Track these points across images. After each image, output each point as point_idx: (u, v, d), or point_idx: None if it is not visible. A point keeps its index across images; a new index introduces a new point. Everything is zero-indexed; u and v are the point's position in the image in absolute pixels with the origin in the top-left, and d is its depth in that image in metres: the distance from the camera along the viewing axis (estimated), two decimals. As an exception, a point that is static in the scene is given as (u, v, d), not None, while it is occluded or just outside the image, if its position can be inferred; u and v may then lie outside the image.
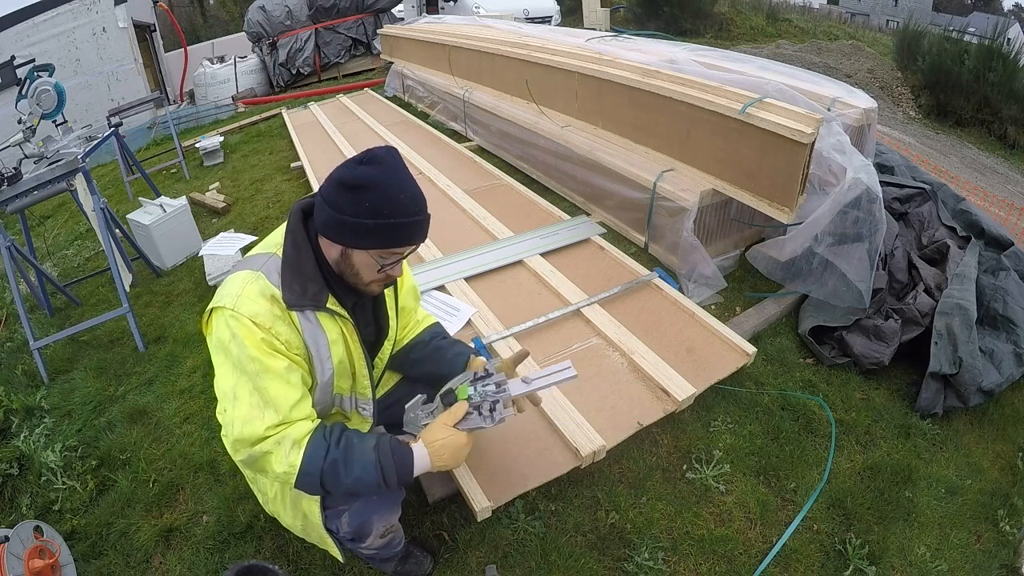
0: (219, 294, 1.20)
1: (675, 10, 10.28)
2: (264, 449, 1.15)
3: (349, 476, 1.18)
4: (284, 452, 1.16)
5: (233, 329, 1.15)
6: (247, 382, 1.16)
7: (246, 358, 1.15)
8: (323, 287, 1.22)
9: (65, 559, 1.74)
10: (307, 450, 1.16)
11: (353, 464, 1.19)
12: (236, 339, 1.15)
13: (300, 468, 1.15)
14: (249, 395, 1.15)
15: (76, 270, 3.72)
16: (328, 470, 1.17)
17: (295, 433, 1.17)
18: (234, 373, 1.17)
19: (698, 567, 1.73)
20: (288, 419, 1.17)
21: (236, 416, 1.15)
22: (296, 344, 1.21)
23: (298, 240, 1.22)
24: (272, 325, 1.17)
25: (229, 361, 1.17)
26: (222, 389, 1.18)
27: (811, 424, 2.19)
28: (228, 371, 1.17)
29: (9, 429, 2.36)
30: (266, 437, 1.15)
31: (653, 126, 3.03)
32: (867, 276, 2.48)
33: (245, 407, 1.15)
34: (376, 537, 1.37)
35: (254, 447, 1.16)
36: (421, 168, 3.98)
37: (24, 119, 2.97)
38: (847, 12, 28.47)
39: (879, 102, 5.27)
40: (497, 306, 2.52)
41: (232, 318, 1.15)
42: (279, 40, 8.39)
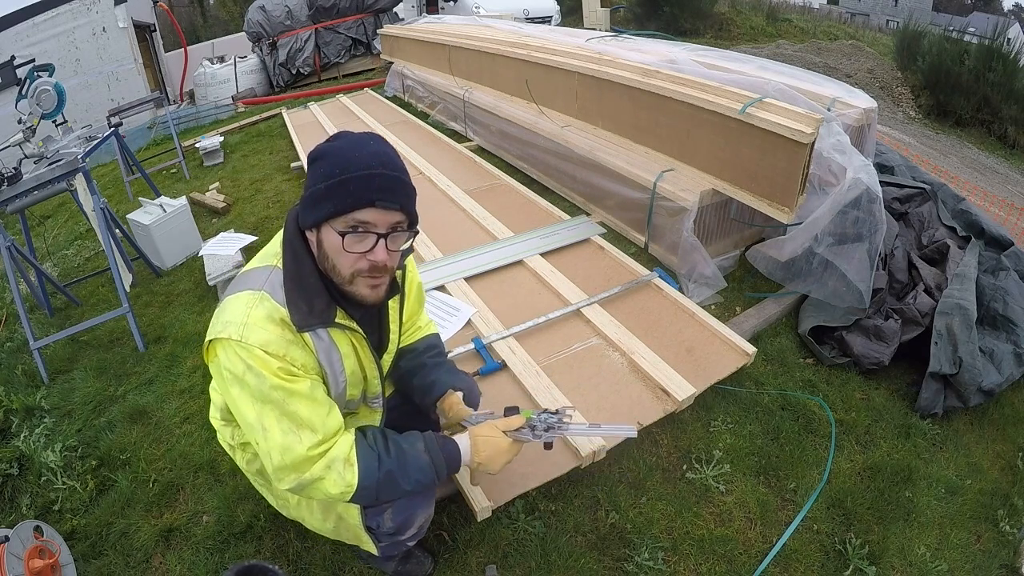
0: (221, 321, 1.10)
1: (675, 10, 10.28)
2: (315, 476, 1.11)
3: (408, 482, 1.18)
4: (338, 474, 1.12)
5: (246, 361, 1.07)
6: (273, 410, 1.10)
7: (268, 388, 1.08)
8: (330, 302, 1.14)
9: (65, 559, 1.74)
10: (360, 466, 1.13)
11: (409, 469, 1.18)
12: (252, 370, 1.07)
13: (358, 485, 1.12)
14: (278, 422, 1.10)
15: (76, 270, 3.71)
16: (384, 480, 1.15)
17: (340, 452, 1.13)
18: (256, 404, 1.10)
19: (698, 567, 1.73)
20: (327, 435, 1.13)
21: (272, 447, 1.10)
22: (312, 365, 1.15)
23: (297, 249, 1.12)
24: (286, 352, 1.10)
25: (247, 392, 1.10)
26: (246, 421, 1.12)
27: (811, 424, 2.19)
28: (248, 402, 1.10)
29: (9, 429, 2.36)
30: (310, 458, 1.10)
31: (653, 126, 3.03)
32: (867, 276, 2.48)
33: (278, 435, 1.10)
34: (416, 527, 1.37)
35: (303, 474, 1.11)
36: (421, 168, 3.98)
37: (24, 119, 2.97)
38: (847, 12, 28.47)
39: (879, 102, 5.27)
40: (497, 306, 2.52)
41: (242, 349, 1.07)
42: (279, 40, 8.39)
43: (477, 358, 2.24)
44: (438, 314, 2.48)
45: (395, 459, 1.17)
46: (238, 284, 1.16)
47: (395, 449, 1.19)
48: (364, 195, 1.02)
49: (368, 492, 1.14)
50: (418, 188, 1.13)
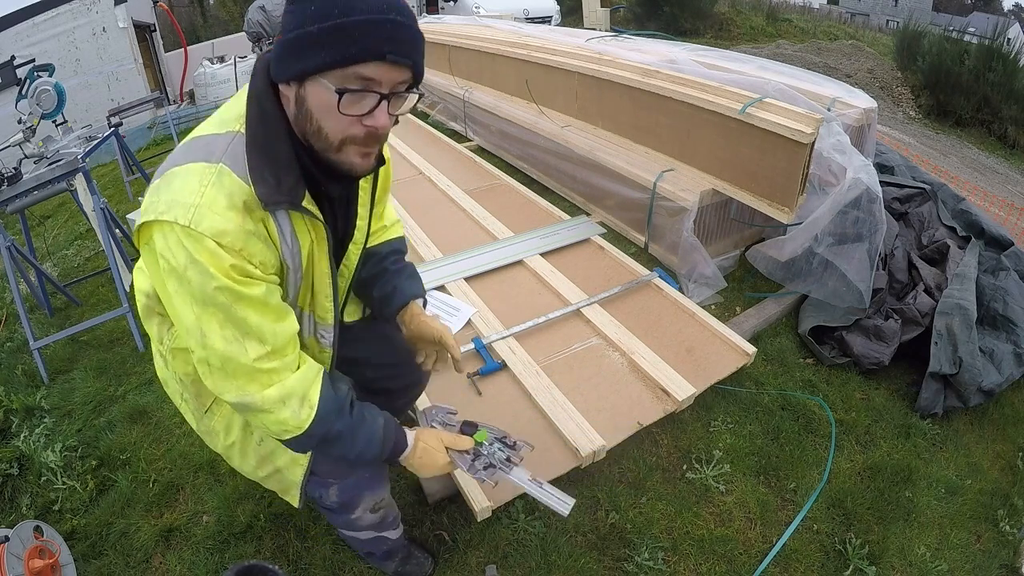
0: (164, 200, 0.86)
1: (675, 10, 10.29)
2: (265, 406, 0.95)
3: (353, 451, 1.05)
4: (292, 411, 0.96)
5: (192, 253, 0.85)
6: (216, 314, 0.90)
7: (212, 289, 0.87)
8: (299, 178, 0.92)
9: (65, 559, 1.74)
10: (319, 412, 0.99)
11: (359, 439, 1.05)
12: (197, 266, 0.86)
13: (305, 432, 0.98)
14: (221, 328, 0.91)
15: (76, 270, 3.71)
16: (334, 437, 1.03)
17: (301, 387, 0.98)
18: (196, 306, 0.90)
19: (698, 567, 1.73)
20: (276, 346, 0.95)
21: (210, 355, 0.92)
22: (271, 263, 0.95)
23: (266, 108, 0.90)
24: (244, 246, 0.89)
25: (186, 290, 0.89)
26: (183, 324, 0.93)
27: (811, 424, 2.19)
28: (187, 303, 0.90)
29: (9, 429, 2.36)
30: (258, 371, 0.94)
31: (653, 126, 3.03)
32: (867, 276, 2.48)
33: (219, 344, 0.91)
34: (366, 511, 1.32)
35: (248, 394, 0.94)
36: (421, 168, 3.98)
37: (24, 119, 2.97)
38: (847, 12, 28.48)
39: (879, 102, 5.27)
40: (497, 306, 2.52)
41: (189, 238, 0.85)
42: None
43: (477, 358, 2.24)
44: (438, 314, 2.48)
45: (353, 422, 1.04)
46: (188, 152, 0.90)
47: (357, 412, 1.06)
48: (372, 45, 0.81)
49: (309, 441, 1.01)
50: (418, 188, 1.11)
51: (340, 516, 1.34)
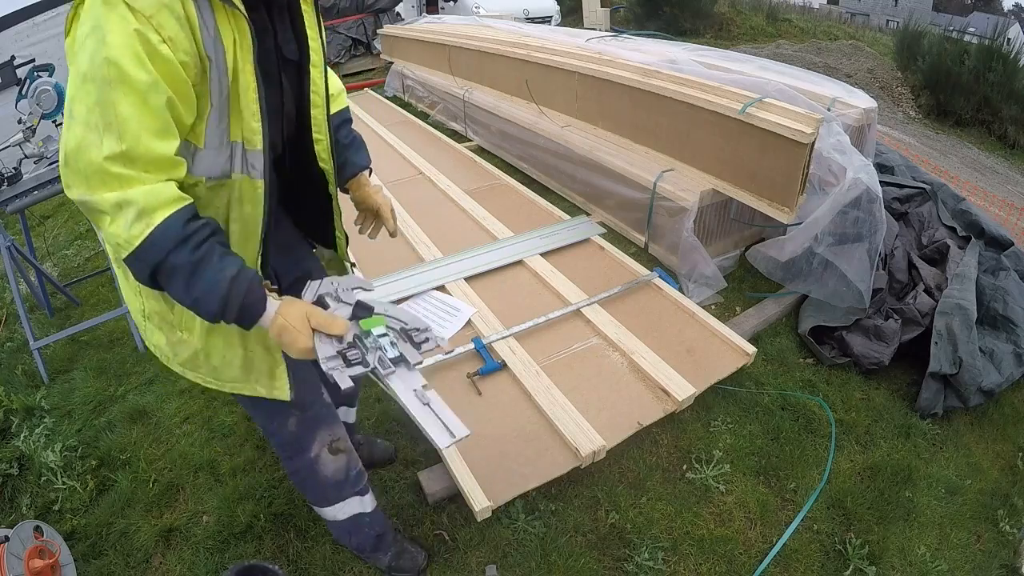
0: None
1: (675, 10, 10.28)
2: (101, 207, 0.87)
3: (188, 293, 0.92)
4: (125, 221, 0.87)
5: (98, 18, 0.83)
6: (91, 92, 0.85)
7: (100, 59, 0.83)
8: None
9: (65, 559, 1.74)
10: (155, 232, 0.87)
11: (199, 282, 0.92)
12: (97, 31, 0.83)
13: (135, 249, 0.88)
14: (88, 111, 0.85)
15: (76, 270, 3.71)
16: (168, 268, 0.90)
17: (145, 199, 0.87)
18: (76, 82, 0.86)
19: (698, 567, 1.73)
20: (136, 153, 0.86)
21: (68, 139, 0.87)
22: (184, 47, 0.88)
23: None
24: (155, 13, 0.85)
25: (75, 68, 0.86)
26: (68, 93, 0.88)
27: (811, 424, 2.19)
28: (72, 79, 0.87)
29: (9, 429, 2.36)
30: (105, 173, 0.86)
31: (653, 126, 3.03)
32: (867, 276, 2.48)
33: (79, 128, 0.85)
34: (324, 448, 1.35)
35: (91, 192, 0.86)
36: (421, 168, 3.98)
37: (24, 119, 2.97)
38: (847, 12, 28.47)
39: (879, 102, 5.27)
40: (497, 306, 2.52)
41: (105, 5, 0.84)
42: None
43: (477, 358, 2.24)
44: (438, 314, 2.48)
45: (196, 260, 0.91)
46: None
47: (206, 253, 0.92)
48: None
49: (143, 265, 0.90)
50: (418, 188, 1.12)
51: (299, 459, 1.37)
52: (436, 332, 1.10)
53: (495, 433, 1.93)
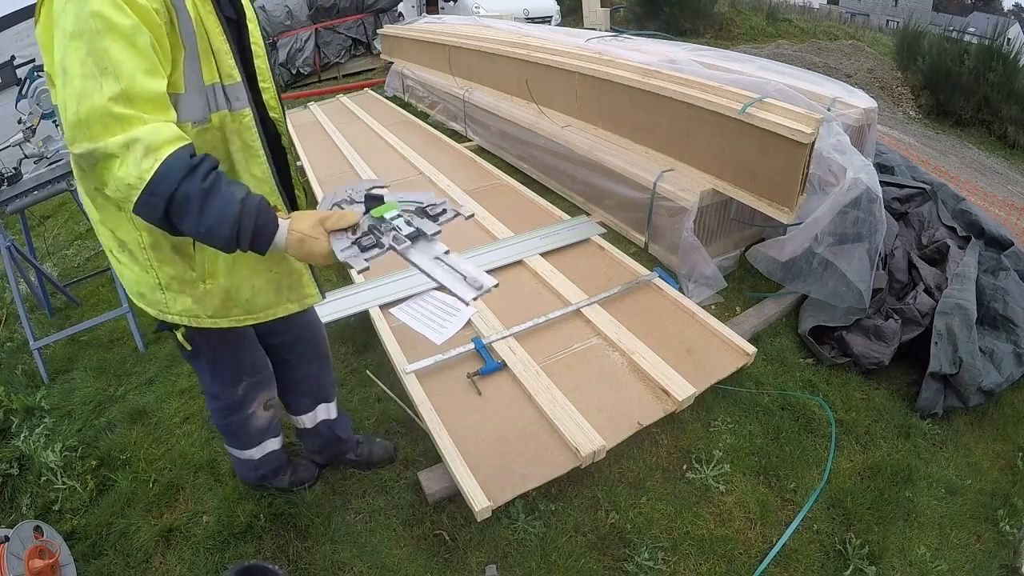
0: None
1: (675, 10, 10.28)
2: (110, 150, 0.91)
3: (202, 221, 0.96)
4: (135, 159, 0.91)
5: None
6: (81, 46, 0.91)
7: (86, 15, 0.90)
8: None
9: (65, 559, 1.74)
10: (164, 165, 0.92)
11: (211, 208, 0.96)
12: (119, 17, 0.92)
13: (148, 184, 0.91)
14: (81, 64, 0.91)
15: (76, 270, 3.71)
16: (180, 199, 0.94)
17: (149, 136, 0.92)
18: (65, 40, 0.92)
19: (698, 567, 1.73)
20: (133, 91, 0.93)
21: (69, 95, 0.91)
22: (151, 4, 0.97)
23: None
24: None
25: (60, 29, 0.93)
26: (57, 60, 0.94)
27: (811, 424, 2.19)
28: (58, 37, 0.93)
29: (9, 429, 2.36)
30: (110, 115, 0.91)
31: (653, 126, 3.03)
32: (867, 276, 2.48)
33: (77, 80, 0.91)
34: (260, 407, 1.58)
35: (96, 141, 0.91)
36: (421, 168, 3.98)
37: (24, 119, 2.97)
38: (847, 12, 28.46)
39: (879, 102, 5.27)
40: (497, 306, 2.52)
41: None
42: (279, 40, 8.38)
43: (477, 358, 2.24)
44: (438, 314, 2.48)
45: (206, 188, 0.95)
46: None
47: (212, 181, 0.97)
48: None
49: (156, 200, 0.93)
50: (418, 188, 1.09)
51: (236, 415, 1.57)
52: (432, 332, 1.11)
53: (495, 433, 1.93)
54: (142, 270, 1.23)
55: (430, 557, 1.74)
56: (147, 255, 1.20)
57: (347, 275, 2.89)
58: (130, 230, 1.18)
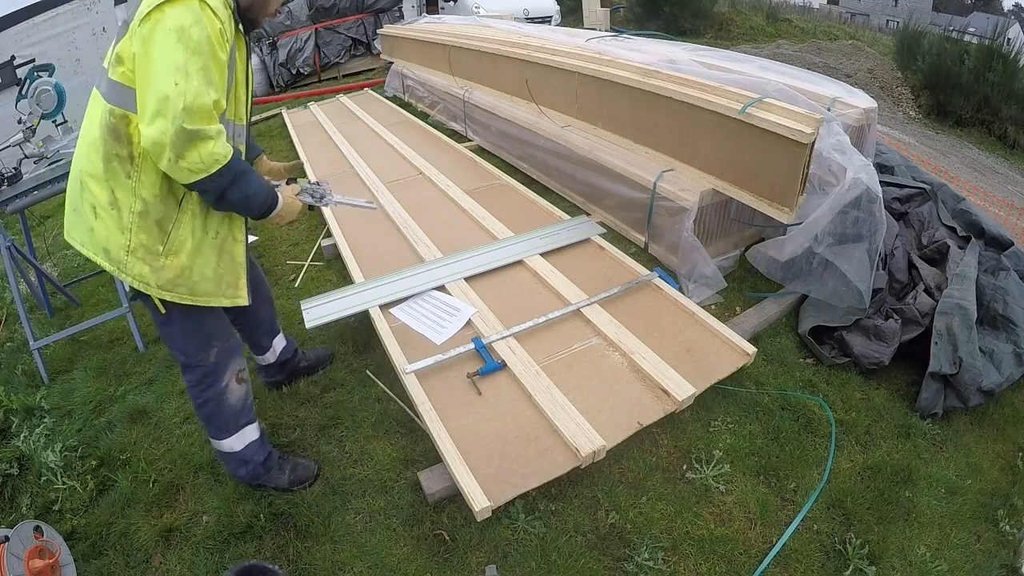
0: None
1: (675, 10, 10.29)
2: (208, 133, 1.31)
3: (249, 190, 1.46)
4: (222, 144, 1.35)
5: (198, 15, 1.30)
6: (199, 61, 1.29)
7: (204, 40, 1.30)
8: None
9: (65, 559, 1.74)
10: (234, 153, 1.39)
11: (252, 183, 1.48)
12: (199, 24, 1.29)
13: (226, 163, 1.36)
14: (199, 72, 1.29)
15: (76, 270, 3.71)
16: (239, 176, 1.42)
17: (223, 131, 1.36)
18: (187, 52, 1.28)
19: (698, 567, 1.73)
20: (219, 100, 1.35)
21: (189, 88, 1.27)
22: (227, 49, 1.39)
23: None
24: (224, 23, 1.36)
25: (183, 44, 1.28)
26: (172, 63, 1.27)
27: (811, 424, 2.19)
28: (180, 50, 1.28)
29: (9, 429, 2.36)
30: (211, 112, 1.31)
31: (653, 126, 3.03)
32: (867, 276, 2.48)
33: (196, 82, 1.28)
34: (233, 378, 1.74)
35: (200, 124, 1.29)
36: (421, 168, 3.98)
37: (24, 119, 2.97)
38: (847, 12, 28.46)
39: (879, 102, 5.27)
40: (497, 306, 2.52)
41: (200, 7, 1.31)
42: (279, 40, 8.38)
43: (477, 358, 2.24)
44: (438, 314, 2.48)
45: (248, 171, 1.47)
46: None
47: (247, 166, 1.49)
48: None
49: (225, 177, 1.38)
50: (418, 188, 1.16)
51: (211, 390, 1.71)
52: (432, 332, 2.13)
53: (495, 433, 1.94)
54: (119, 230, 1.46)
55: (430, 557, 1.75)
56: (132, 219, 1.45)
57: (347, 277, 2.89)
58: (128, 195, 1.44)
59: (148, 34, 1.29)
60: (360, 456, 2.06)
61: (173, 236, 1.49)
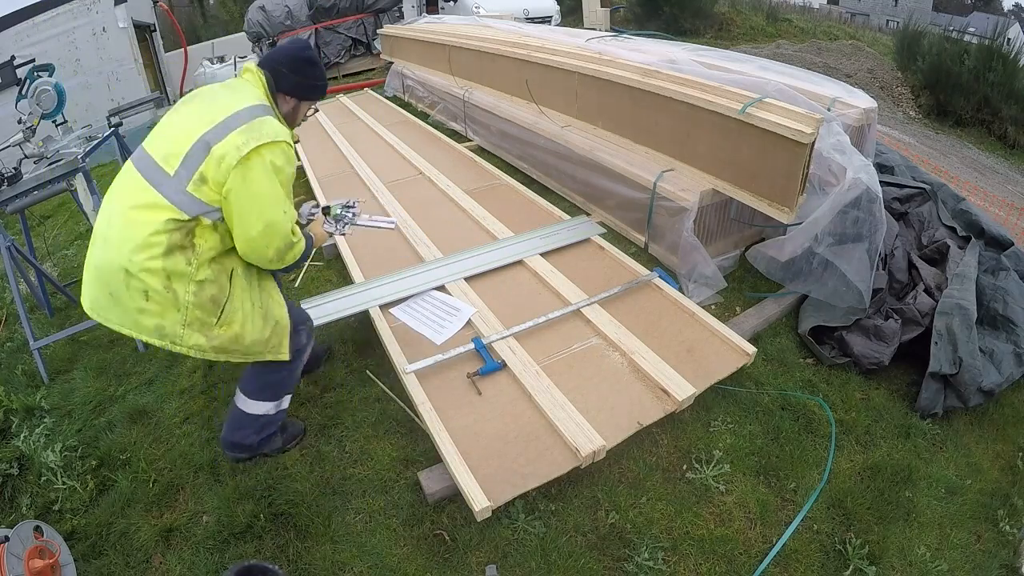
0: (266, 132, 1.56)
1: (675, 10, 10.29)
2: (297, 240, 1.69)
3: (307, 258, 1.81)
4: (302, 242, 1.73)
5: (287, 155, 1.62)
6: (288, 190, 1.64)
7: (290, 175, 1.64)
8: None
9: (65, 559, 1.74)
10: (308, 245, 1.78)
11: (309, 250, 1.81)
12: (289, 162, 1.63)
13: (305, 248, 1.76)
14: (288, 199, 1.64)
15: (76, 270, 3.71)
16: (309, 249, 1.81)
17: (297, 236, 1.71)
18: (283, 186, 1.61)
19: (698, 567, 1.73)
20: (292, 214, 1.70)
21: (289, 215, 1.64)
22: None
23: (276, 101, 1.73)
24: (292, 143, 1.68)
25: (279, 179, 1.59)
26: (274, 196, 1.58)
27: (811, 424, 2.19)
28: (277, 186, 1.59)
29: (9, 429, 2.36)
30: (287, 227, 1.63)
31: (653, 126, 3.03)
32: (867, 276, 2.48)
33: (290, 208, 1.65)
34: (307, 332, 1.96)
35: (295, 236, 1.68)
36: (421, 168, 3.98)
37: (24, 119, 2.97)
38: (847, 12, 28.44)
39: (879, 102, 5.27)
40: (497, 306, 2.52)
41: (287, 148, 1.61)
42: (279, 40, 8.38)
43: (477, 358, 2.24)
44: (438, 314, 2.48)
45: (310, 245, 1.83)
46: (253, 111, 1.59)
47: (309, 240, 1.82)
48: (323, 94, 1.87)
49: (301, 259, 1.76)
50: (418, 188, 1.16)
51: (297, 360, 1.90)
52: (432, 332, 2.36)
53: (495, 433, 1.94)
54: (175, 309, 1.61)
55: (430, 557, 1.75)
56: (188, 298, 1.61)
57: (347, 277, 2.89)
58: (184, 279, 1.60)
59: (248, 172, 1.53)
60: (360, 456, 2.06)
61: (227, 309, 1.66)
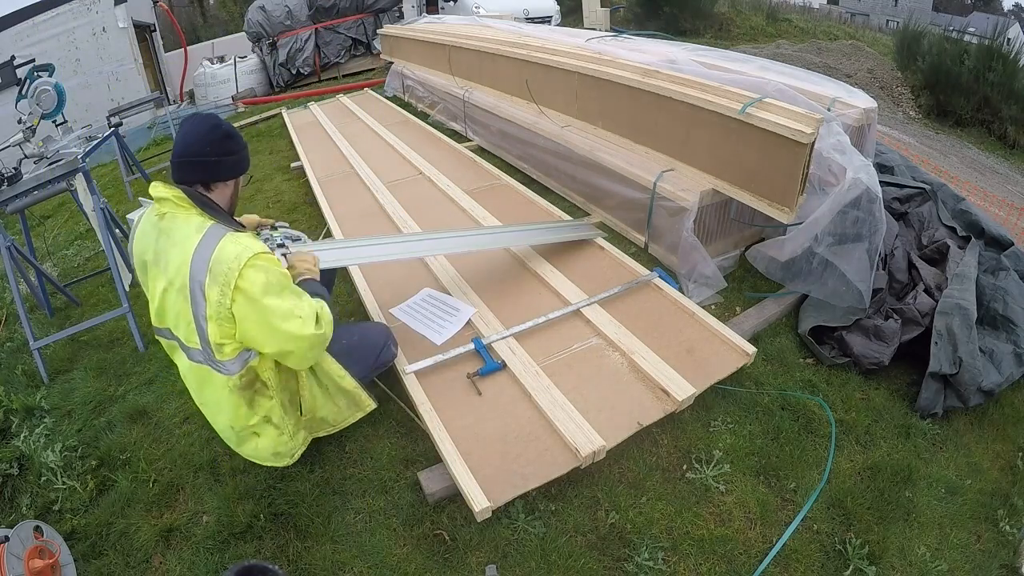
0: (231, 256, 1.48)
1: (675, 10, 10.29)
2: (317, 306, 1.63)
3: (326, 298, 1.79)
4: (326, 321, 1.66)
5: (266, 267, 1.52)
6: (289, 292, 1.58)
7: (282, 277, 1.57)
8: None
9: (65, 559, 1.74)
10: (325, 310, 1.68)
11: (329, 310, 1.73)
12: (269, 270, 1.53)
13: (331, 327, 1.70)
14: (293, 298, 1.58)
15: (76, 270, 3.71)
16: None
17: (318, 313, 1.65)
18: (282, 294, 1.55)
19: (698, 567, 1.73)
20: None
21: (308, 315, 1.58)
22: None
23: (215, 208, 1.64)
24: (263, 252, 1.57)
25: (273, 291, 1.52)
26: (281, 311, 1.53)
27: (811, 424, 2.19)
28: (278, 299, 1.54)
29: (9, 429, 2.36)
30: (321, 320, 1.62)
31: (653, 126, 3.03)
32: (867, 276, 2.48)
33: (305, 306, 1.59)
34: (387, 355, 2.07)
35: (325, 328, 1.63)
36: (421, 168, 3.98)
37: (24, 119, 2.97)
38: (847, 12, 28.44)
39: (879, 102, 5.27)
40: (497, 306, 2.52)
41: (265, 257, 1.53)
42: (279, 40, 8.39)
43: (477, 358, 2.24)
44: (438, 314, 2.48)
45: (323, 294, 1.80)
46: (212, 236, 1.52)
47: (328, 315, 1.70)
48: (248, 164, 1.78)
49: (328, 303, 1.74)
50: (418, 188, 1.16)
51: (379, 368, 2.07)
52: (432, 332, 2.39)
53: (495, 433, 1.94)
54: (279, 432, 1.76)
55: (430, 557, 1.75)
56: (281, 417, 1.74)
57: (347, 277, 2.88)
58: (270, 405, 1.71)
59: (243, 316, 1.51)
60: (360, 456, 2.06)
61: (306, 401, 1.81)
